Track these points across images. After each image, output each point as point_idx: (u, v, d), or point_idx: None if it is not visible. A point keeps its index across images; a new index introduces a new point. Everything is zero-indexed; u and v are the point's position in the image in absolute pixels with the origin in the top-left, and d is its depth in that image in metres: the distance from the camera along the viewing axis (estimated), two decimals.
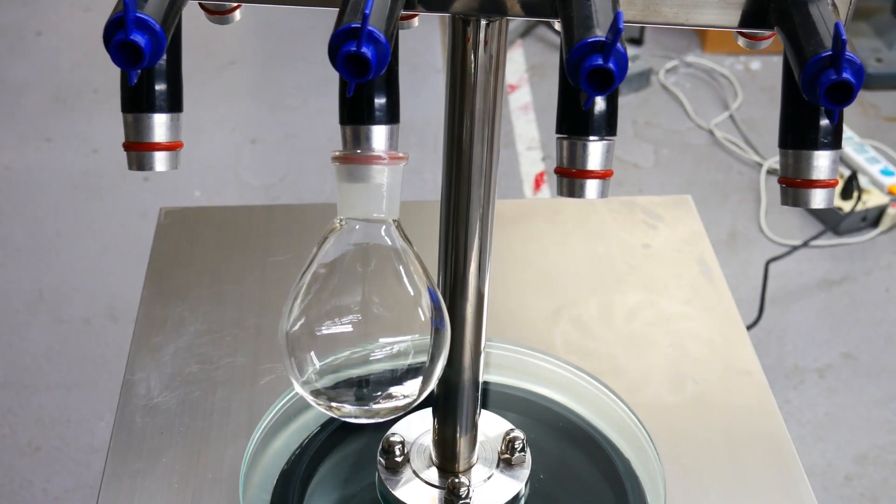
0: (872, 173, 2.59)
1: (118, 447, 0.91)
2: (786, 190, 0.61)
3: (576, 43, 0.55)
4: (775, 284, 2.31)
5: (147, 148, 0.61)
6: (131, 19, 0.54)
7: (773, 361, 2.13)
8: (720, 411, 0.97)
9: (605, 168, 0.61)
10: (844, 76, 0.55)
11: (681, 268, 1.13)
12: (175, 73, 0.61)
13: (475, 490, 0.84)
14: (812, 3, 0.60)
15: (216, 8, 0.72)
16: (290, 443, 0.91)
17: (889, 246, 2.44)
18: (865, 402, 2.06)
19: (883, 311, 2.27)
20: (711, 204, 2.54)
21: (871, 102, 2.95)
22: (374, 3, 0.55)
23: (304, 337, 0.62)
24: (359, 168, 0.60)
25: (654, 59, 3.05)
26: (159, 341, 1.01)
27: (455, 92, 0.70)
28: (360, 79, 0.55)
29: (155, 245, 1.13)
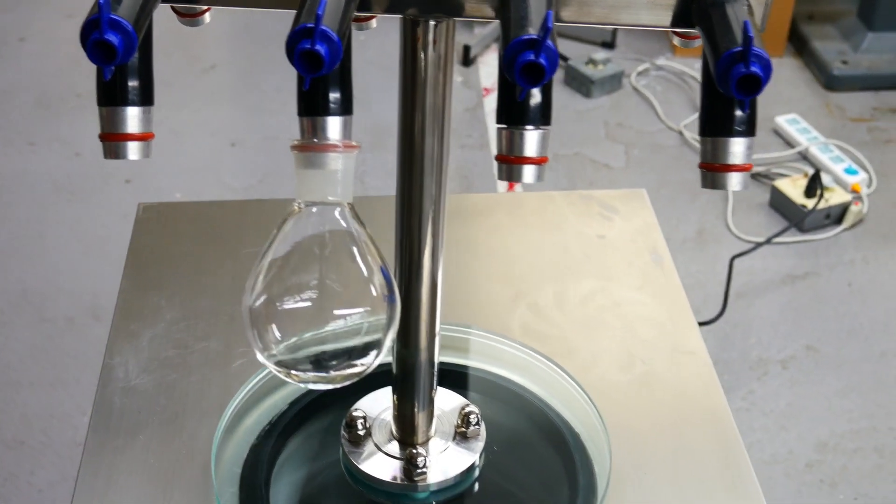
0: (836, 172, 2.66)
1: (97, 426, 0.97)
2: (705, 174, 0.67)
3: (511, 40, 0.61)
4: (741, 280, 2.37)
5: (121, 138, 0.67)
6: (105, 20, 0.60)
7: (738, 354, 2.20)
8: (666, 389, 1.03)
9: (540, 155, 0.67)
10: (753, 69, 0.62)
11: (633, 257, 1.19)
12: (146, 69, 0.67)
13: (432, 461, 0.90)
14: (728, 4, 0.66)
15: (186, 10, 0.78)
16: (260, 420, 0.96)
17: (852, 242, 2.51)
18: (827, 393, 2.13)
19: (845, 305, 2.33)
20: (680, 202, 2.61)
21: (836, 104, 3.02)
22: (327, 5, 0.61)
23: (266, 311, 0.68)
24: (315, 155, 0.66)
25: (626, 62, 3.12)
26: (137, 328, 1.07)
27: (407, 88, 0.76)
28: (315, 74, 0.61)
29: (133, 239, 1.19)
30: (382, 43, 2.86)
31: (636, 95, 3.02)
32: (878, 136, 2.89)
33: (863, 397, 2.12)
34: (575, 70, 3.01)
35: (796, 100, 3.04)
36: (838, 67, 3.08)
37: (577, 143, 2.82)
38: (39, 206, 2.54)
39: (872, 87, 3.08)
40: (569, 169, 2.71)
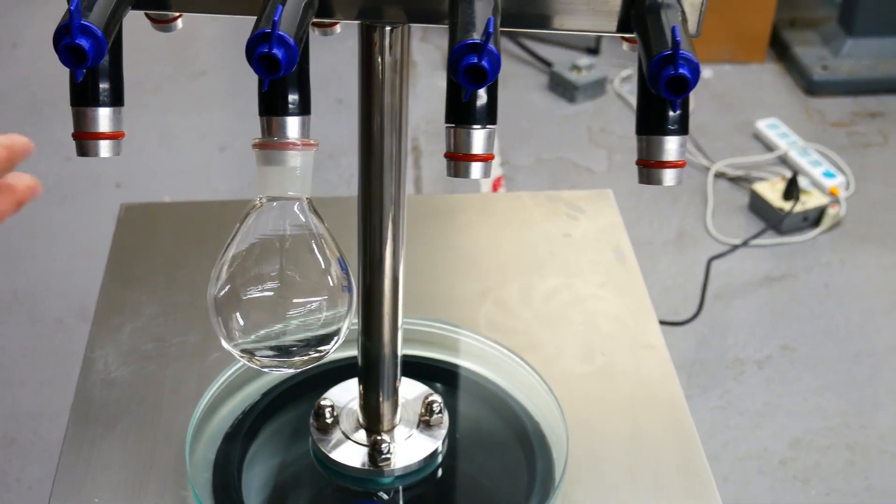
0: (815, 175, 2.70)
1: (78, 415, 1.01)
2: (642, 170, 0.71)
3: (455, 44, 0.65)
4: (720, 281, 2.42)
5: (92, 137, 0.71)
6: (76, 25, 0.64)
7: (715, 354, 2.24)
8: (625, 380, 1.07)
9: (486, 152, 0.71)
10: (681, 71, 0.66)
11: (597, 254, 1.23)
12: (116, 72, 0.71)
13: (397, 447, 0.94)
14: (662, 10, 0.70)
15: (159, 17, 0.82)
16: (234, 409, 1.00)
17: (829, 244, 2.56)
18: (802, 391, 2.17)
19: (821, 306, 2.38)
20: (661, 205, 2.65)
21: (816, 108, 3.07)
22: (284, 12, 0.65)
23: (229, 300, 0.72)
24: (275, 153, 0.70)
25: (610, 68, 3.17)
26: (118, 322, 1.11)
27: (365, 91, 0.80)
28: (272, 76, 0.65)
29: (116, 237, 1.23)
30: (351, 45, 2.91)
31: (619, 101, 3.07)
32: (857, 141, 2.94)
33: (837, 396, 2.17)
34: (559, 76, 3.06)
35: (777, 104, 3.08)
36: (819, 73, 3.12)
37: (561, 147, 2.86)
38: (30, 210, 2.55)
39: (852, 91, 3.12)
40: (552, 173, 2.75)
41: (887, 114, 3.06)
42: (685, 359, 2.22)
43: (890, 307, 2.39)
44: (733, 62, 3.25)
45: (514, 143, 2.85)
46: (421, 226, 1.26)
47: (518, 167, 2.77)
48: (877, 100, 3.11)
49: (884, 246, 2.57)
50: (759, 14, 3.22)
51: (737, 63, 3.25)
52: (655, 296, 2.33)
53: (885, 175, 2.82)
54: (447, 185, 2.68)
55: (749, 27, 3.23)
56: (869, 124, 3.02)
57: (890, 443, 2.07)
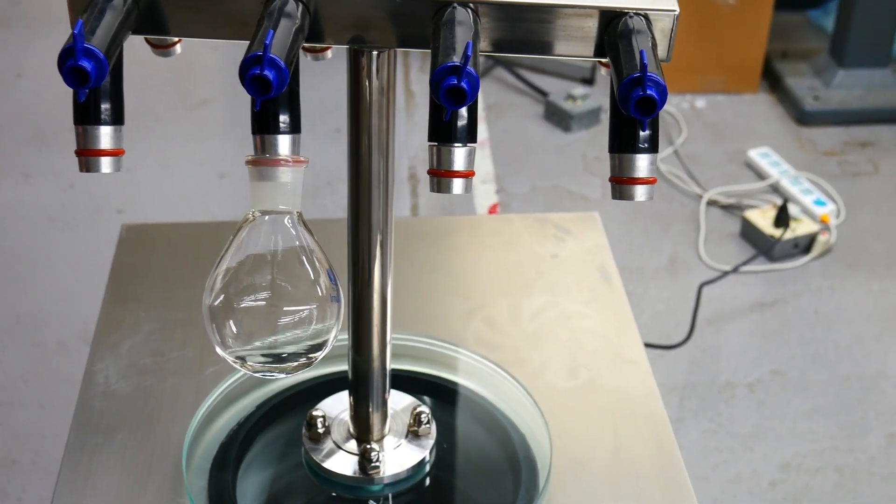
0: (806, 203, 2.75)
1: (78, 426, 1.05)
2: (615, 186, 0.75)
3: (437, 67, 0.69)
4: (712, 307, 2.46)
5: (94, 154, 0.75)
6: (79, 48, 0.68)
7: (706, 377, 2.28)
8: (608, 394, 1.11)
9: (467, 169, 0.75)
10: (648, 93, 0.70)
11: (583, 274, 1.27)
12: (117, 92, 0.75)
13: (386, 456, 0.97)
14: (633, 35, 0.74)
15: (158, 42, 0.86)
16: (229, 421, 1.04)
17: (819, 271, 2.60)
18: (792, 415, 2.20)
19: (812, 332, 2.41)
20: (654, 232, 2.69)
21: (808, 138, 3.11)
22: (276, 36, 0.70)
23: (223, 309, 0.76)
24: (267, 169, 0.74)
25: (605, 98, 3.21)
26: (117, 338, 1.15)
27: (354, 112, 0.84)
28: (264, 96, 0.69)
29: (116, 256, 1.27)
30: None
31: None
32: (847, 170, 2.98)
33: (826, 419, 2.20)
34: (554, 105, 3.11)
35: (769, 134, 3.13)
36: (810, 103, 3.17)
37: (556, 175, 2.91)
38: (33, 235, 2.62)
39: (843, 122, 3.17)
40: (547, 200, 2.80)
41: (877, 143, 3.11)
42: (676, 382, 2.25)
43: (878, 333, 2.43)
44: (726, 92, 3.30)
45: (510, 171, 2.90)
46: (413, 246, 1.30)
47: (514, 194, 2.81)
48: (867, 130, 3.16)
49: (873, 273, 2.60)
50: (751, 45, 3.28)
51: (730, 93, 3.30)
52: (647, 320, 2.39)
53: (876, 204, 2.86)
54: (442, 210, 2.73)
55: (742, 58, 3.28)
56: (859, 154, 3.06)
57: (879, 465, 2.10)
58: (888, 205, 2.86)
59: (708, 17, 3.19)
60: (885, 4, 3.16)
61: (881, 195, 2.90)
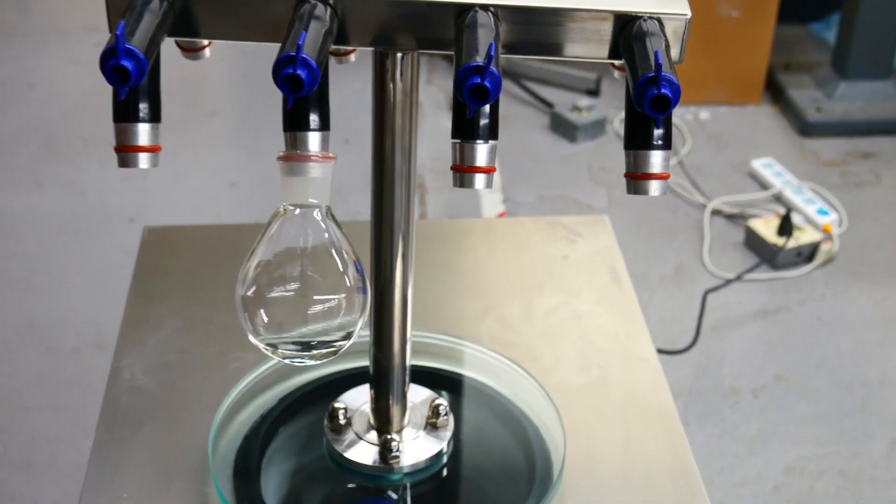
0: (809, 213, 2.78)
1: (106, 419, 1.08)
2: (630, 182, 0.79)
3: (461, 66, 0.72)
4: (716, 314, 2.49)
5: (132, 150, 0.78)
6: (121, 49, 0.71)
7: (710, 383, 2.31)
8: (618, 390, 1.14)
9: (489, 164, 0.78)
10: (663, 91, 0.73)
11: (594, 275, 1.30)
12: (154, 91, 0.78)
13: (405, 447, 1.01)
14: (647, 37, 0.78)
15: (188, 45, 0.90)
16: (252, 413, 1.07)
17: (822, 279, 2.63)
18: (795, 420, 2.23)
19: (814, 338, 2.45)
20: (659, 241, 2.73)
21: (810, 149, 3.15)
22: (307, 37, 0.73)
23: (255, 299, 0.80)
24: (298, 165, 0.78)
25: (610, 109, 3.25)
26: (142, 335, 1.18)
27: (379, 112, 0.88)
28: (296, 95, 0.73)
29: (139, 257, 1.31)
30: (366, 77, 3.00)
31: (619, 141, 3.15)
32: (849, 180, 3.02)
33: (829, 424, 2.23)
34: (560, 116, 3.15)
35: (772, 145, 3.17)
36: (813, 115, 3.21)
37: (562, 185, 2.94)
38: (46, 243, 2.66)
39: (845, 133, 3.21)
40: (553, 209, 2.83)
41: (879, 154, 3.14)
42: (682, 387, 2.28)
43: (880, 339, 2.46)
44: (730, 104, 3.34)
45: (517, 181, 2.93)
46: (427, 248, 1.33)
47: (520, 203, 2.85)
48: (869, 141, 3.19)
49: (875, 281, 2.64)
50: (754, 58, 3.32)
51: (733, 105, 3.34)
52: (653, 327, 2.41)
53: (877, 213, 2.89)
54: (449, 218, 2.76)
55: (745, 71, 3.32)
56: (861, 164, 3.10)
57: (881, 469, 2.13)
58: (890, 214, 2.90)
59: (712, 31, 3.23)
60: (886, 18, 3.20)
61: (883, 205, 2.93)
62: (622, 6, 0.80)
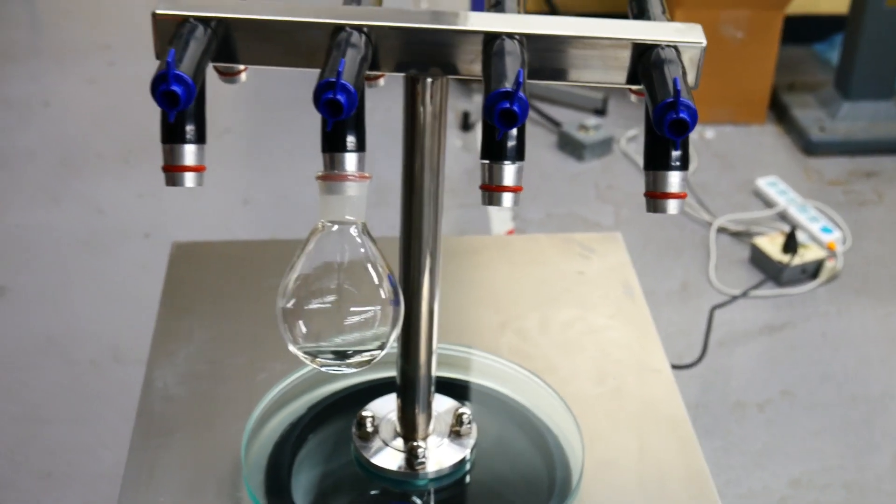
0: (813, 231, 2.83)
1: (140, 427, 1.12)
2: (649, 201, 0.83)
3: (490, 92, 0.77)
4: (723, 330, 2.53)
5: (179, 169, 0.83)
6: (172, 75, 0.76)
7: (717, 397, 2.35)
8: (633, 400, 1.18)
9: (516, 184, 0.83)
10: (681, 115, 0.78)
11: (608, 290, 1.35)
12: (200, 114, 0.83)
13: (430, 454, 1.05)
14: (665, 64, 0.82)
15: (226, 70, 0.94)
16: (282, 422, 1.11)
17: (827, 296, 2.68)
18: (801, 434, 2.28)
19: (819, 354, 2.49)
20: (666, 258, 2.77)
21: (814, 168, 3.20)
22: (346, 63, 0.78)
23: (295, 310, 0.84)
24: (335, 184, 0.82)
25: (617, 128, 3.31)
26: (173, 347, 1.23)
27: (409, 135, 0.92)
28: (336, 118, 0.77)
29: (168, 272, 1.35)
30: (388, 108, 3.05)
31: (625, 159, 3.21)
32: (853, 199, 3.07)
33: (834, 438, 2.27)
34: (568, 135, 3.20)
35: (777, 164, 3.22)
36: (816, 134, 3.26)
37: (570, 203, 2.99)
38: (64, 259, 2.71)
39: (848, 152, 3.26)
40: (562, 226, 2.88)
41: (882, 173, 3.19)
42: (689, 401, 2.32)
43: (884, 355, 2.50)
44: (735, 124, 3.39)
45: (526, 199, 2.98)
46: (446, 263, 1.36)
47: (529, 221, 2.89)
48: (872, 160, 3.24)
49: (878, 298, 2.68)
50: (759, 78, 3.37)
51: (738, 124, 3.39)
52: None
53: (881, 232, 2.94)
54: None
55: (750, 91, 3.37)
56: (864, 183, 3.14)
57: (886, 482, 2.17)
58: (892, 233, 2.94)
59: (717, 51, 3.28)
60: (888, 39, 3.25)
61: (886, 223, 2.98)
62: (641, 35, 0.84)
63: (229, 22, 0.84)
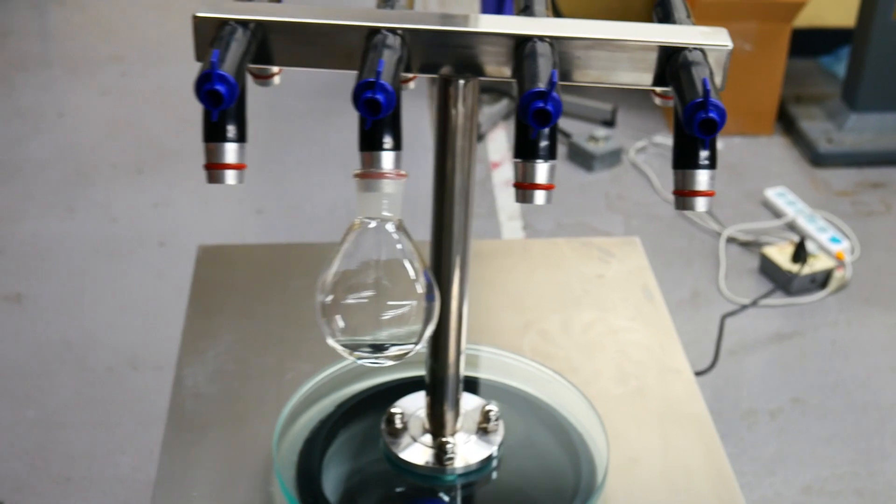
0: (822, 241, 2.85)
1: (173, 423, 1.14)
2: (678, 199, 0.85)
3: (525, 92, 0.79)
4: (733, 338, 2.55)
5: (221, 167, 0.85)
6: (216, 74, 0.78)
7: (729, 404, 2.37)
8: (655, 399, 1.20)
9: (549, 182, 0.85)
10: (710, 115, 0.80)
11: (627, 293, 1.37)
12: (241, 114, 0.85)
13: (458, 450, 1.07)
14: (693, 66, 0.85)
15: (260, 72, 0.97)
16: (311, 419, 1.13)
17: (836, 305, 2.70)
18: (812, 441, 2.29)
19: (829, 362, 2.51)
20: (676, 268, 2.79)
21: (822, 179, 3.22)
22: (385, 64, 0.80)
23: (333, 305, 0.86)
24: (373, 181, 0.84)
25: (626, 139, 3.33)
26: (202, 346, 1.25)
27: (442, 135, 0.95)
28: (376, 117, 0.80)
29: (195, 274, 1.37)
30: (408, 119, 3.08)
31: (634, 170, 3.23)
32: (860, 209, 3.09)
33: (845, 445, 2.29)
34: (578, 146, 3.22)
35: (785, 174, 3.24)
36: (824, 145, 3.29)
37: (580, 213, 3.01)
38: (79, 267, 2.73)
39: (856, 163, 3.28)
40: (572, 236, 2.90)
41: (889, 184, 3.22)
42: None
43: (893, 363, 2.52)
44: (743, 135, 3.42)
45: (536, 208, 3.01)
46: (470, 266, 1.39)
47: (539, 231, 2.92)
48: (879, 171, 3.27)
49: (887, 307, 2.70)
50: (767, 90, 3.40)
51: (746, 136, 3.42)
52: None
53: (888, 242, 2.96)
54: None
55: (758, 103, 3.40)
56: (872, 194, 3.17)
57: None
58: None
59: None
60: (895, 52, 3.27)
61: (894, 234, 3.00)
62: (669, 38, 0.87)
63: (267, 24, 0.87)
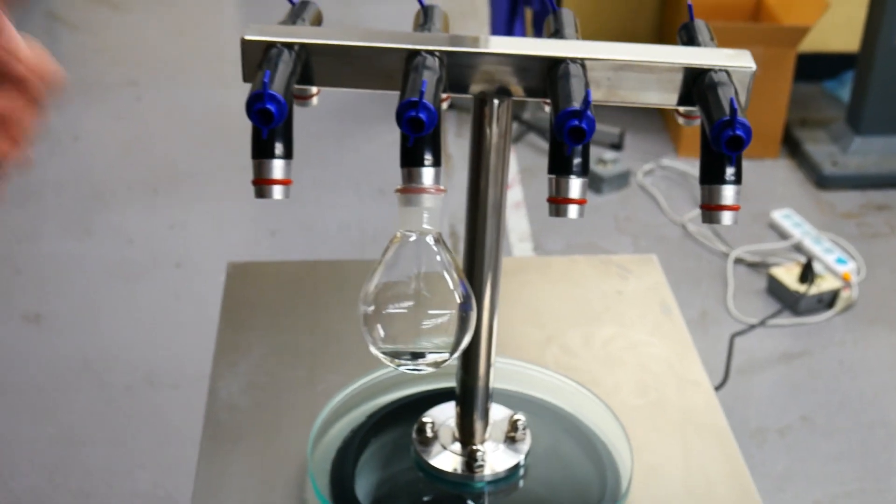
0: (828, 262, 2.89)
1: (209, 434, 1.18)
2: (705, 212, 0.89)
3: (560, 111, 0.83)
4: (742, 358, 2.59)
5: (269, 182, 0.89)
6: (267, 94, 0.82)
7: (738, 422, 2.40)
8: (675, 410, 1.24)
9: (581, 197, 0.89)
10: (737, 132, 0.84)
11: (646, 308, 1.41)
12: (288, 132, 0.89)
13: (487, 458, 1.11)
14: (720, 86, 0.89)
15: (300, 93, 1.01)
16: (343, 429, 1.17)
17: (843, 325, 2.73)
18: (821, 458, 2.32)
19: (837, 381, 2.54)
20: (684, 288, 2.83)
21: (827, 201, 3.27)
22: (427, 84, 0.84)
23: (375, 314, 0.90)
24: (414, 196, 0.88)
25: (634, 162, 3.38)
26: (234, 359, 1.29)
27: (476, 152, 0.99)
28: (418, 134, 0.84)
29: (226, 289, 1.41)
30: None
31: (642, 192, 3.27)
32: (865, 231, 3.13)
33: (853, 463, 2.32)
34: None
35: (791, 197, 3.29)
36: (829, 168, 3.33)
37: (590, 234, 3.06)
38: (96, 288, 2.77)
39: (860, 186, 3.33)
40: None
41: (893, 207, 3.26)
42: None
43: None
44: (749, 158, 3.46)
45: (546, 230, 3.05)
46: None
47: (549, 251, 2.96)
48: (883, 194, 3.31)
49: (893, 327, 2.74)
50: (772, 114, 3.44)
51: (752, 159, 3.46)
52: None
53: (894, 263, 3.00)
54: None
55: (763, 126, 3.44)
56: (876, 216, 3.21)
57: None
58: None
59: None
60: None
61: None
62: (695, 60, 0.91)
63: (311, 47, 0.91)
